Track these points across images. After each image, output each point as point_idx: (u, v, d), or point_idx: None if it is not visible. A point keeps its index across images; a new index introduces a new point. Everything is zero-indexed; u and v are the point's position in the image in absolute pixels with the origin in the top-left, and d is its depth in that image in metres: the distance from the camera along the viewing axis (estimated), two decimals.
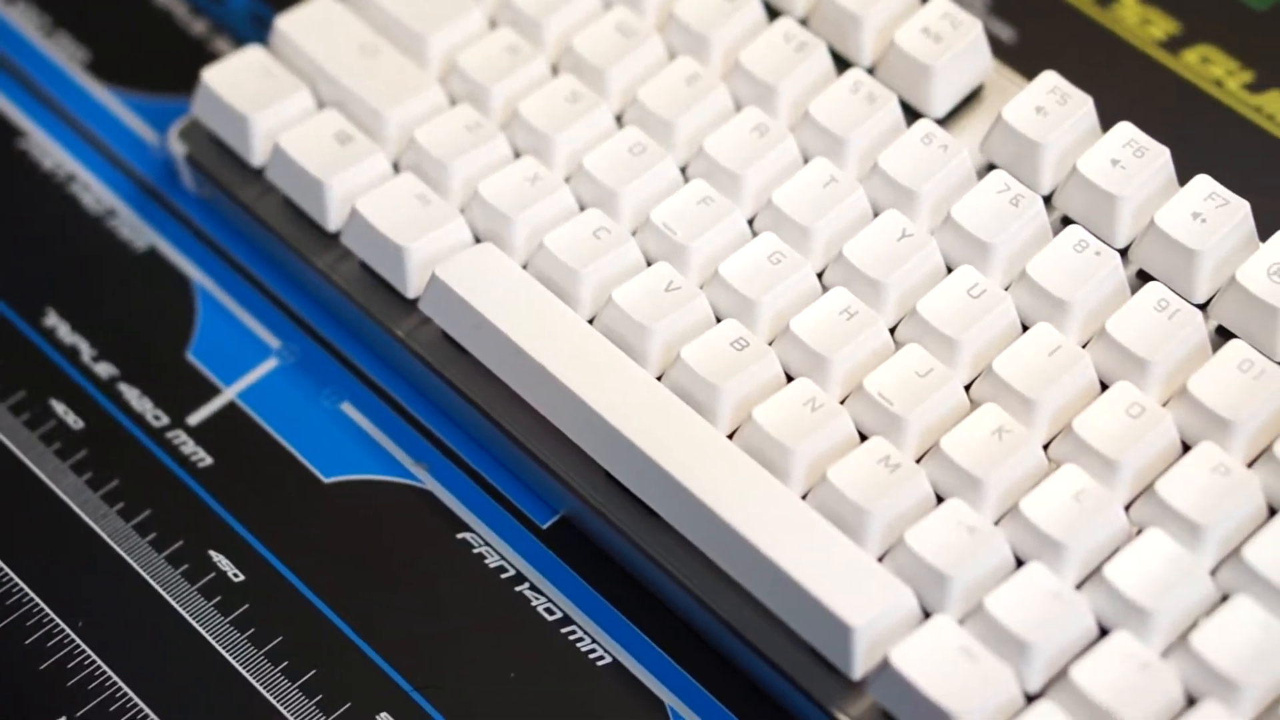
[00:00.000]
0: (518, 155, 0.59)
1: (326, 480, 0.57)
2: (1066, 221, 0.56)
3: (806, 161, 0.58)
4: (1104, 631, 0.50)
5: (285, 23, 0.61)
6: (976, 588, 0.51)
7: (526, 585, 0.55)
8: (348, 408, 0.58)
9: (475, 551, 0.56)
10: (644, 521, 0.54)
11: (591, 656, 0.54)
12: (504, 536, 0.56)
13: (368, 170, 0.58)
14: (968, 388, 0.54)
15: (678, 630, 0.54)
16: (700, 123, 0.59)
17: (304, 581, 0.55)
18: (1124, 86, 0.61)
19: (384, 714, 0.53)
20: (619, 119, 0.60)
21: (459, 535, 0.56)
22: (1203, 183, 0.55)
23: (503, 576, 0.55)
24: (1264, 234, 0.55)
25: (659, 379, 0.55)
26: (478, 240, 0.58)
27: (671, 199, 0.57)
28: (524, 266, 0.57)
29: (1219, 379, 0.52)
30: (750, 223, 0.57)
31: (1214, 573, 0.50)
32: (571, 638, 0.54)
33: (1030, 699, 0.49)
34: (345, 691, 0.53)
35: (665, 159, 0.58)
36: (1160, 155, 0.55)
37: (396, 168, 0.59)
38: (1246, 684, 0.48)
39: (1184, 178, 0.56)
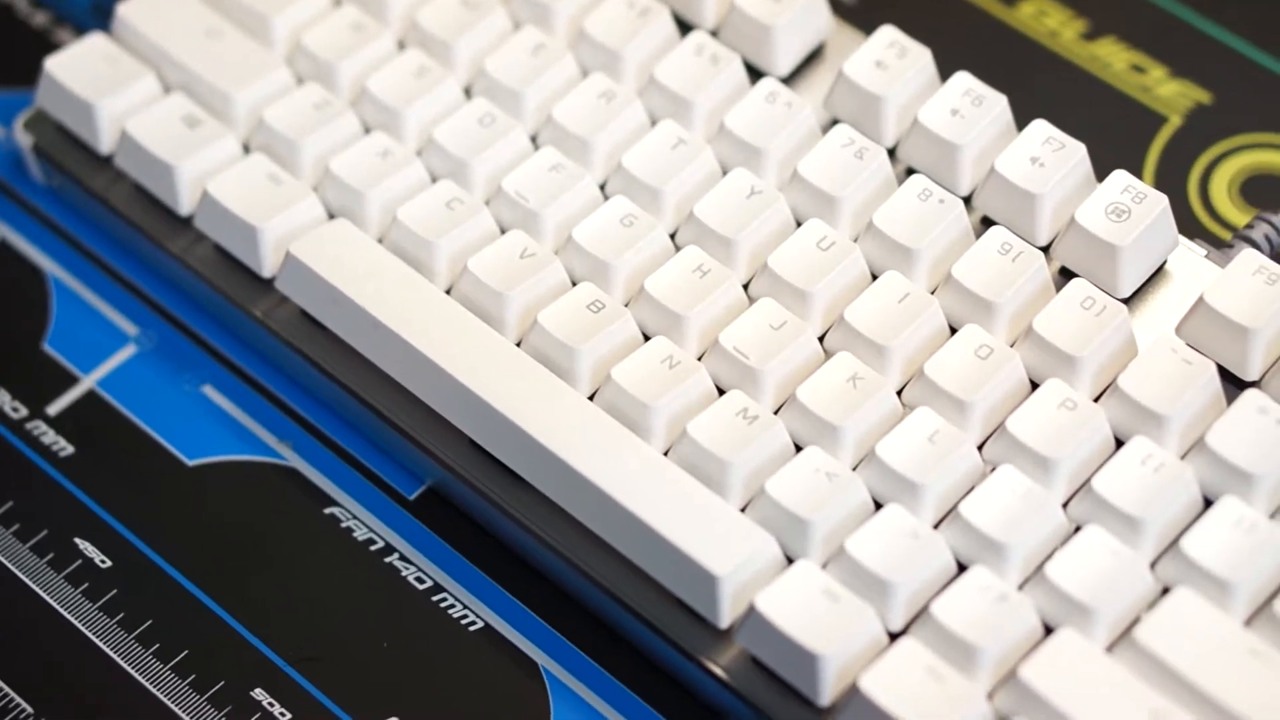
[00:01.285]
0: (368, 131, 0.60)
1: (190, 463, 0.57)
2: (911, 172, 0.58)
3: (654, 125, 0.59)
4: (963, 568, 0.52)
5: (127, 9, 0.61)
6: (837, 532, 0.52)
7: (396, 556, 0.56)
8: (209, 390, 0.59)
9: (343, 525, 0.56)
10: (509, 486, 0.55)
11: (464, 622, 0.55)
12: (371, 509, 0.57)
13: (217, 152, 0.59)
14: (822, 339, 0.55)
15: (548, 592, 0.55)
16: (548, 91, 0.60)
17: (171, 564, 0.56)
18: (962, 40, 0.62)
19: (259, 689, 0.54)
20: (467, 91, 0.60)
21: (326, 510, 0.57)
22: (1040, 127, 0.56)
23: (372, 548, 0.56)
24: (1100, 175, 0.56)
25: (518, 345, 0.56)
26: (331, 217, 0.58)
27: (522, 167, 0.58)
28: (379, 241, 0.58)
29: (1063, 317, 0.54)
30: (602, 188, 0.58)
31: (1066, 505, 0.52)
32: (443, 605, 0.55)
33: (894, 637, 0.51)
34: (219, 670, 0.54)
35: (515, 128, 0.59)
36: (998, 103, 0.57)
37: (247, 149, 0.60)
38: (1100, 610, 0.50)
39: (1022, 125, 0.57)
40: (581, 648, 0.54)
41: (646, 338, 0.56)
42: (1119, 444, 0.53)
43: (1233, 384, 0.53)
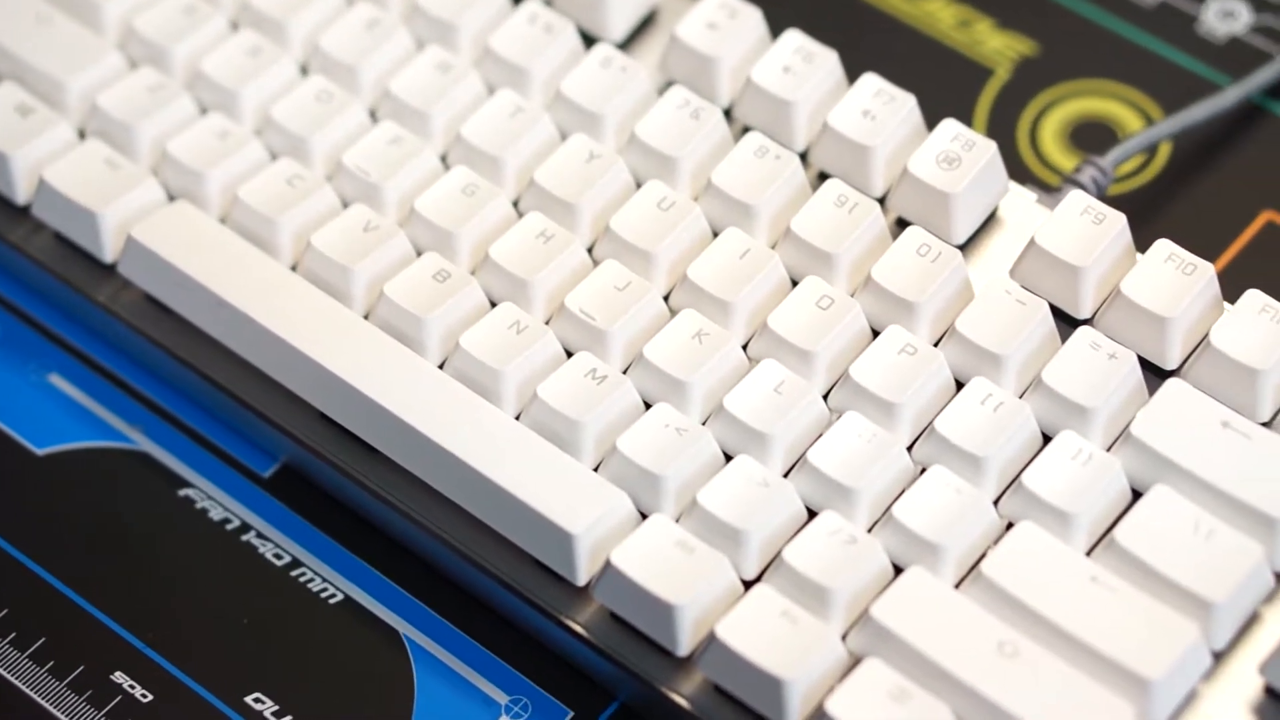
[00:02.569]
0: (204, 113, 0.60)
1: (40, 452, 0.58)
2: (748, 130, 0.59)
3: (491, 95, 0.60)
4: (813, 514, 0.53)
5: None
6: (689, 485, 0.53)
7: (253, 533, 0.56)
8: (55, 379, 0.59)
9: (198, 506, 0.57)
10: (363, 458, 0.56)
11: (323, 595, 0.56)
12: (225, 489, 0.57)
13: (52, 140, 0.59)
14: (666, 298, 0.57)
15: (408, 561, 0.56)
16: (384, 66, 0.60)
17: (25, 553, 0.56)
18: (791, 1, 0.64)
19: (119, 673, 0.54)
20: (304, 69, 0.61)
21: (180, 492, 0.57)
22: (870, 81, 0.58)
23: (228, 528, 0.57)
24: (932, 128, 0.58)
25: (365, 318, 0.57)
26: (172, 199, 0.59)
27: (362, 142, 0.59)
28: (221, 221, 0.58)
29: (900, 265, 0.55)
30: (443, 159, 0.59)
31: (911, 448, 0.54)
32: (302, 579, 0.56)
33: (749, 585, 0.52)
34: (77, 655, 0.54)
35: (352, 104, 0.59)
36: (829, 59, 0.58)
37: (82, 135, 0.60)
38: (947, 547, 0.51)
39: (853, 82, 0.59)
40: (443, 614, 0.55)
41: (493, 304, 0.57)
42: (959, 386, 0.54)
43: (1066, 322, 0.55)
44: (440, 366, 0.56)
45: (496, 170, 0.58)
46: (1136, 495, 0.52)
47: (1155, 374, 0.54)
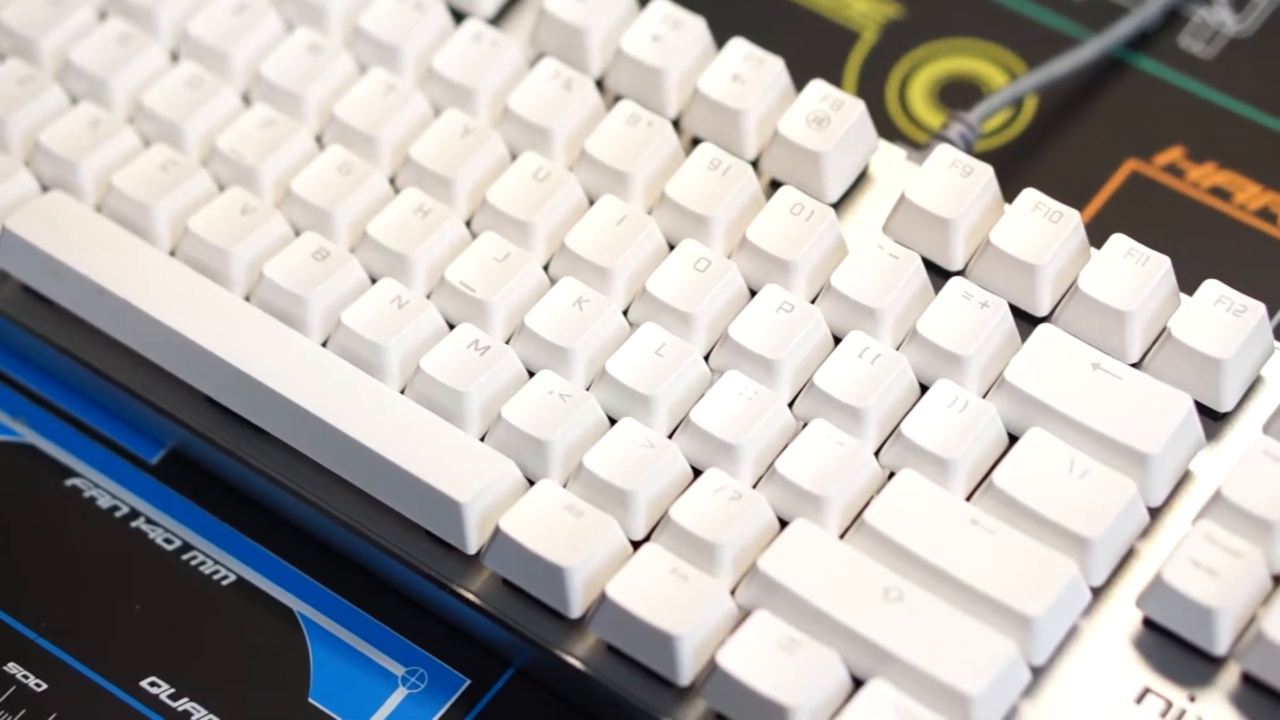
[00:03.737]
0: (75, 102, 0.60)
1: None
2: (619, 99, 0.60)
3: (364, 74, 0.60)
4: (699, 472, 0.54)
5: None
6: (575, 450, 0.54)
7: (142, 520, 0.57)
8: None
9: (86, 496, 0.57)
10: (250, 439, 0.56)
11: (216, 577, 0.56)
12: (113, 477, 0.58)
13: None
14: (546, 267, 0.57)
15: (299, 540, 0.57)
16: (255, 50, 0.61)
17: None
18: None
19: (11, 664, 0.54)
20: (174, 56, 0.61)
21: (67, 482, 0.57)
22: (738, 45, 0.59)
23: (116, 515, 0.57)
24: (801, 90, 0.59)
25: (246, 299, 0.57)
26: (45, 190, 0.59)
27: (236, 125, 0.59)
28: (96, 209, 0.59)
29: (774, 225, 0.56)
30: (318, 140, 0.60)
31: (792, 403, 0.55)
32: (194, 563, 0.56)
33: (638, 545, 0.53)
34: None
35: (224, 88, 0.60)
36: (697, 26, 0.60)
37: None
38: (830, 498, 0.52)
39: (722, 47, 0.60)
40: (336, 590, 0.56)
41: (373, 281, 0.57)
42: (837, 341, 0.56)
43: (939, 274, 0.56)
44: (323, 345, 0.56)
45: (371, 149, 0.59)
46: (1013, 439, 0.54)
47: (1027, 321, 0.55)
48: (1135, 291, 0.54)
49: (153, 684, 0.54)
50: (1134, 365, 0.54)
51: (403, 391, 0.56)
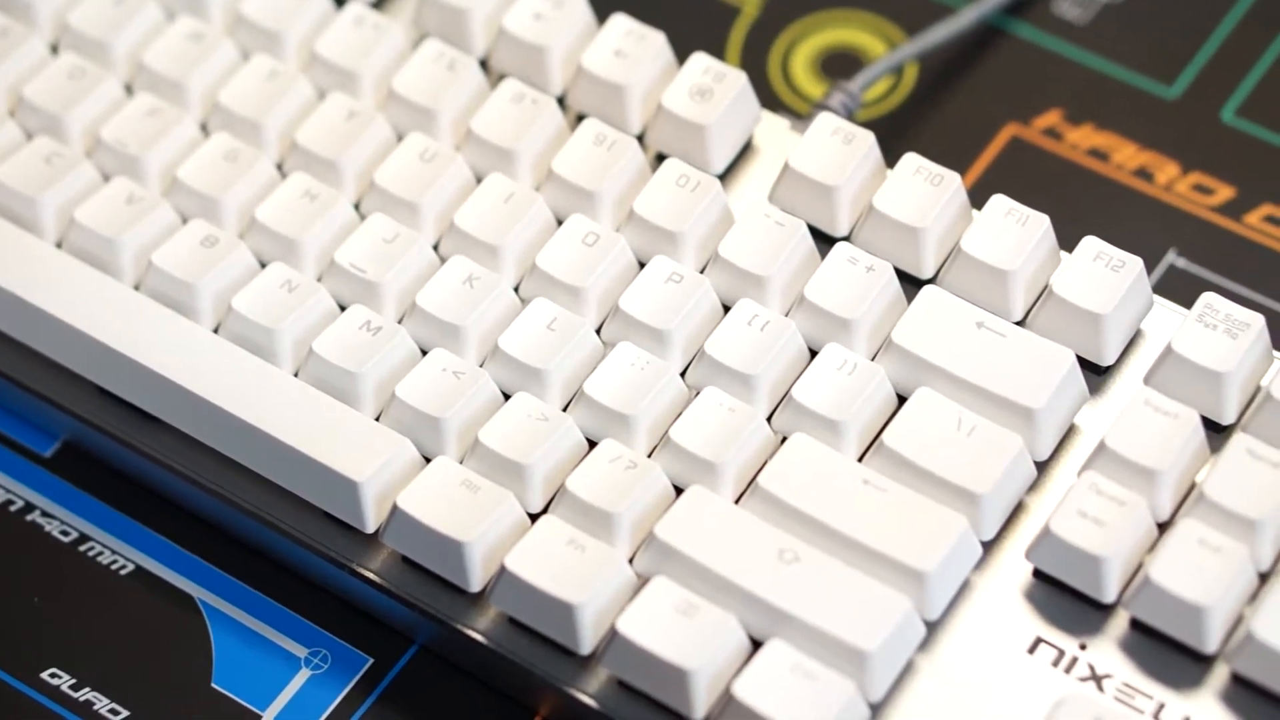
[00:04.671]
0: None
1: None
2: (504, 78, 0.61)
3: (247, 60, 0.61)
4: (594, 444, 0.55)
5: None
6: (470, 426, 0.55)
7: (37, 513, 0.57)
8: None
9: None
10: (145, 428, 0.57)
11: (114, 567, 0.57)
12: (7, 471, 0.58)
13: None
14: (436, 247, 0.58)
15: (197, 526, 0.57)
16: (135, 39, 0.62)
17: None
18: None
19: None
20: (54, 48, 0.62)
21: None
22: (619, 21, 0.60)
23: (11, 509, 0.57)
24: (682, 60, 0.60)
25: (136, 289, 0.58)
26: None
27: (120, 115, 0.60)
28: None
29: (661, 197, 0.57)
30: (203, 128, 0.60)
31: (684, 373, 0.56)
32: (91, 554, 0.57)
33: (535, 517, 0.54)
34: None
35: (106, 79, 0.60)
36: (578, 3, 0.61)
37: None
38: (724, 464, 0.53)
39: (603, 23, 0.61)
40: (236, 575, 0.56)
41: (263, 266, 0.58)
42: (727, 309, 0.57)
43: (825, 240, 0.57)
44: (215, 331, 0.57)
45: (257, 135, 0.60)
46: (902, 400, 0.55)
47: (912, 283, 0.56)
48: (1016, 251, 0.55)
49: (54, 675, 0.55)
50: (1018, 323, 0.55)
51: (296, 374, 0.56)
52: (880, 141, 0.58)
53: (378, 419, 0.56)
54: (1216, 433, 0.53)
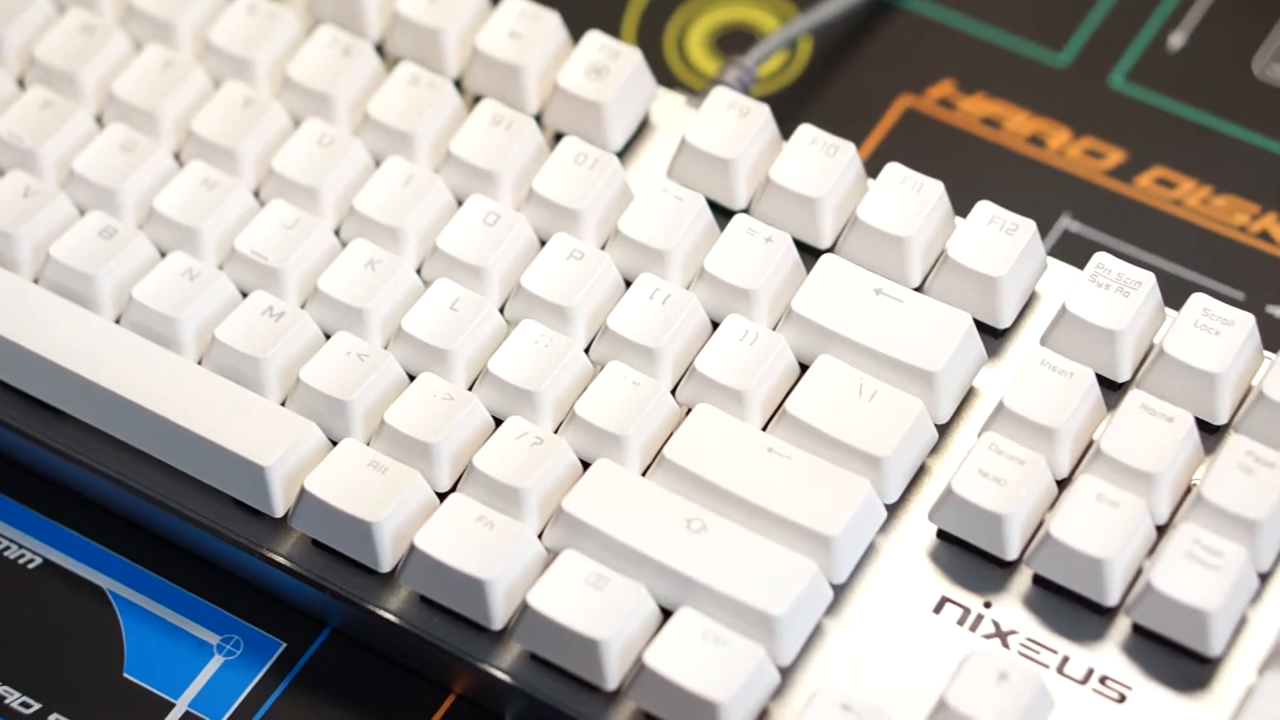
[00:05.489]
0: None
1: None
2: (400, 62, 0.61)
3: (140, 50, 0.61)
4: (500, 421, 0.56)
5: None
6: (376, 408, 0.56)
7: None
8: None
9: None
10: (49, 421, 0.57)
11: (21, 562, 0.57)
12: None
13: None
14: (337, 232, 0.59)
15: (104, 518, 0.58)
16: (27, 32, 0.62)
17: None
18: None
19: None
20: None
21: None
22: (513, 4, 0.61)
23: None
24: (577, 40, 0.61)
25: (35, 282, 0.58)
26: None
27: (13, 109, 0.60)
28: None
29: (560, 175, 0.58)
30: (98, 120, 0.61)
31: (589, 349, 0.57)
32: None
33: (444, 496, 0.55)
34: None
35: None
36: None
37: None
38: (629, 437, 0.54)
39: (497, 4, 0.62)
40: (145, 565, 0.57)
41: (163, 255, 0.58)
42: (629, 285, 0.57)
43: (723, 213, 0.58)
44: (117, 321, 0.57)
45: (153, 125, 0.60)
46: (804, 368, 0.56)
47: (810, 252, 0.58)
48: (912, 217, 0.56)
49: None
50: (916, 289, 0.57)
51: (200, 362, 0.57)
52: (777, 116, 0.60)
53: (283, 404, 0.56)
54: (1113, 390, 0.55)
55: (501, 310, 0.58)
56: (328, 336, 0.57)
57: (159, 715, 0.55)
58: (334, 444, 0.56)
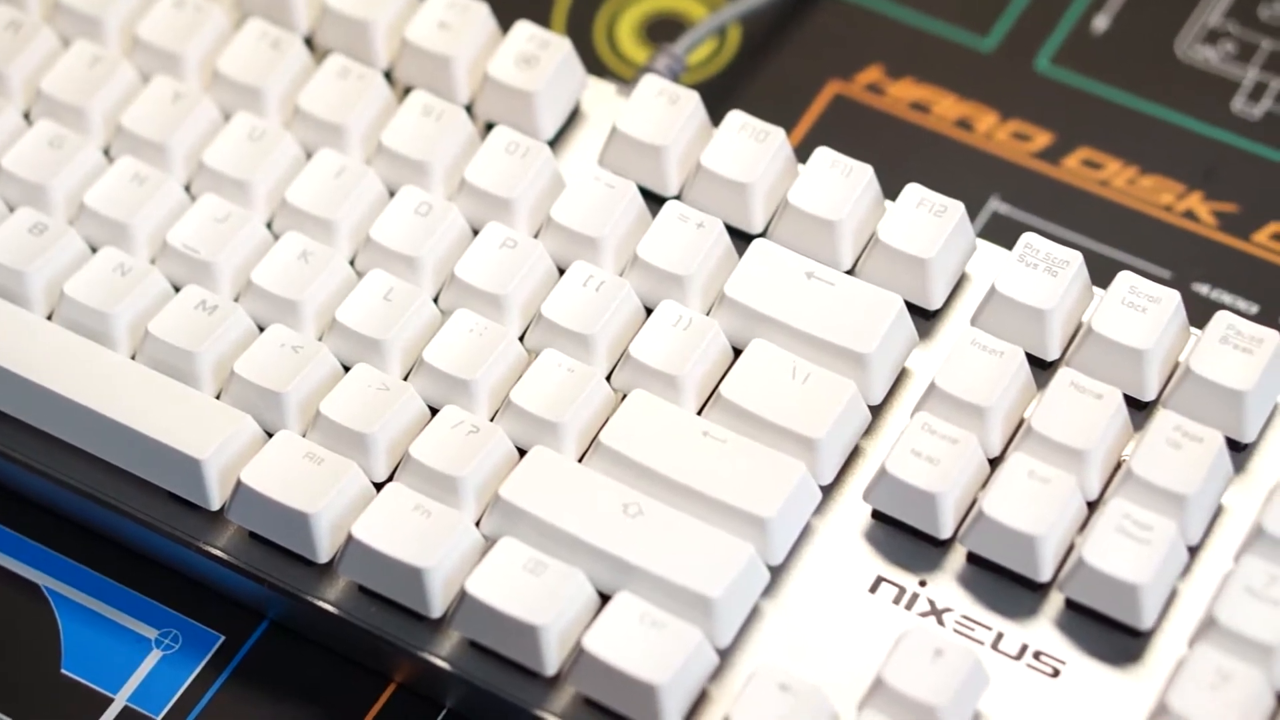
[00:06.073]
0: None
1: None
2: (329, 55, 0.62)
3: (67, 47, 0.62)
4: (436, 411, 0.56)
5: None
6: (311, 399, 0.56)
7: None
8: None
9: None
10: None
11: None
12: None
13: None
14: (270, 225, 0.59)
15: (39, 514, 0.58)
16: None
17: None
18: None
19: None
20: None
21: None
22: None
23: None
24: (506, 30, 0.62)
25: None
26: None
27: None
28: None
29: (492, 165, 0.59)
30: (25, 116, 0.61)
31: (523, 337, 0.57)
32: None
33: (381, 487, 0.55)
34: None
35: None
36: None
37: None
38: (565, 423, 0.55)
39: None
40: (81, 561, 0.57)
41: (94, 250, 0.59)
42: (562, 273, 0.58)
43: (655, 200, 0.59)
44: (49, 318, 0.58)
45: (81, 120, 0.61)
46: (738, 352, 0.57)
47: (742, 238, 0.58)
48: (842, 201, 0.57)
49: None
50: (847, 272, 0.57)
51: (133, 358, 0.57)
52: (707, 104, 0.60)
53: (218, 397, 0.57)
54: (1042, 369, 0.56)
55: (436, 301, 0.58)
56: (262, 329, 0.58)
57: (98, 711, 0.55)
58: (270, 436, 0.56)
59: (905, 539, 0.54)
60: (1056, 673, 0.52)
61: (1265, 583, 0.51)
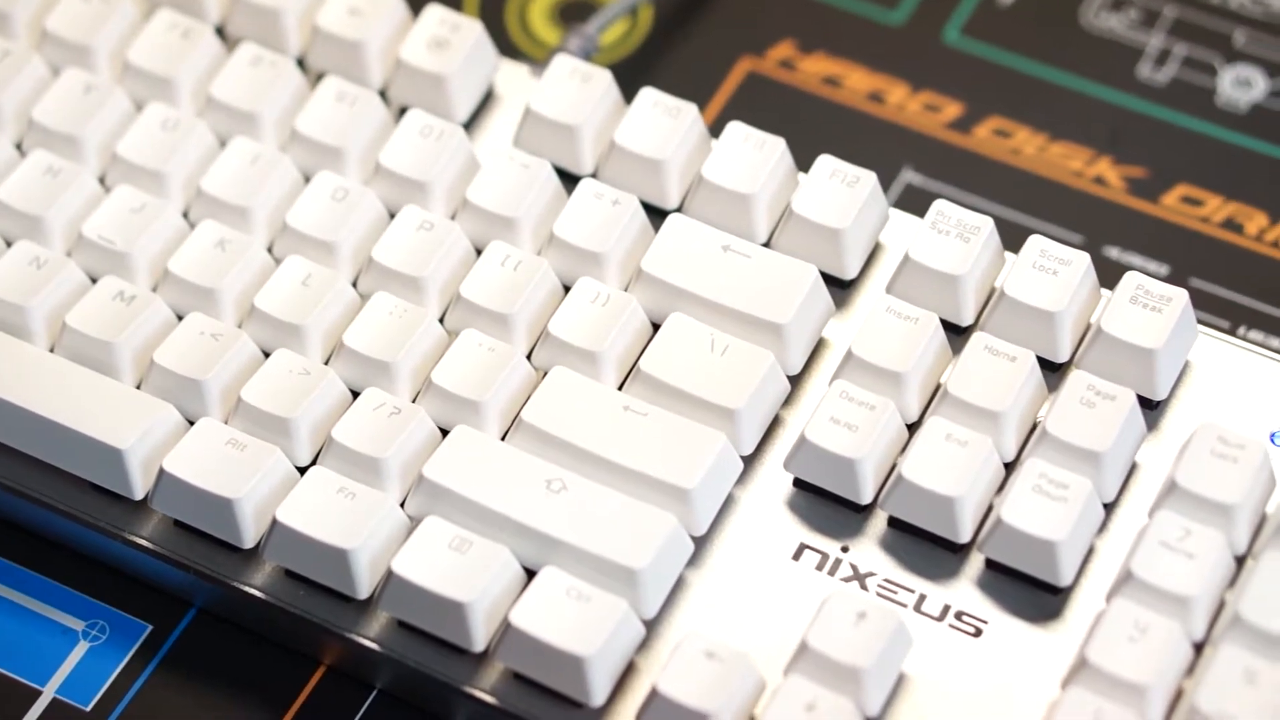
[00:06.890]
0: None
1: None
2: (241, 43, 0.62)
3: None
4: (358, 394, 0.57)
5: None
6: (232, 386, 0.57)
7: None
8: None
9: None
10: None
11: None
12: None
13: None
14: (186, 215, 0.60)
15: None
16: None
17: None
18: None
19: None
20: None
21: None
22: None
23: None
24: (417, 14, 0.62)
25: None
26: None
27: None
28: None
29: (407, 148, 0.60)
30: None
31: (443, 319, 0.58)
32: None
33: (304, 470, 0.56)
34: None
35: None
36: None
37: None
38: (486, 402, 0.56)
39: None
40: (5, 555, 0.58)
41: (9, 245, 0.59)
42: (480, 253, 0.59)
43: (570, 179, 0.60)
44: None
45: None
46: (656, 326, 0.57)
47: (658, 214, 0.59)
48: (755, 174, 0.58)
49: None
50: (763, 244, 0.58)
51: (51, 350, 0.58)
52: (621, 84, 0.61)
53: (138, 387, 0.57)
54: (958, 334, 0.57)
55: (355, 284, 0.59)
56: (180, 318, 0.58)
57: (26, 704, 0.55)
58: (192, 424, 0.57)
59: (827, 506, 0.55)
60: (979, 632, 0.53)
61: (1179, 536, 0.52)
